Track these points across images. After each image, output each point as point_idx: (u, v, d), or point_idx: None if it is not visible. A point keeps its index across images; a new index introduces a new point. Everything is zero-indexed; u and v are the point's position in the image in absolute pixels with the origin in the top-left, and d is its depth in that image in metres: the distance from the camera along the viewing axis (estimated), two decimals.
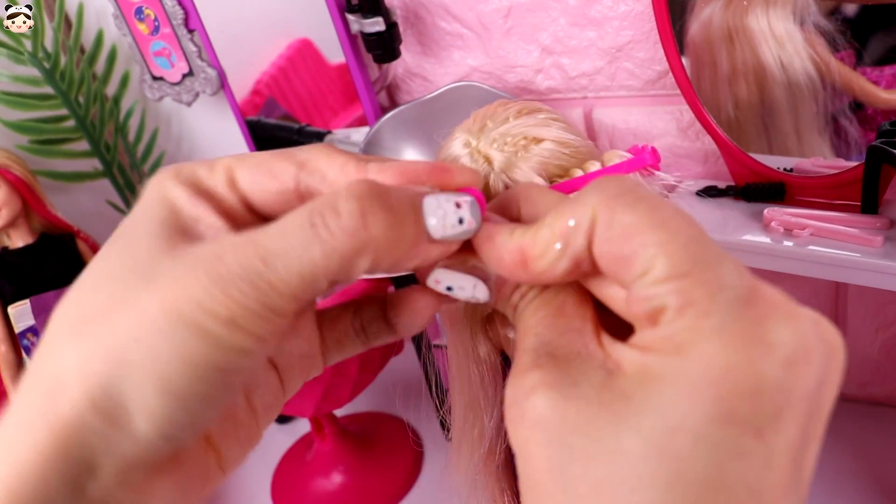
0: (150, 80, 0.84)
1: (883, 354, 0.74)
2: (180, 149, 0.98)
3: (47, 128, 0.90)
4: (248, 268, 0.24)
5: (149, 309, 0.24)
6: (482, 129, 0.39)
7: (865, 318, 0.72)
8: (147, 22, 0.79)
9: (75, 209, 0.93)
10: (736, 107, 0.62)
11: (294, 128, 0.83)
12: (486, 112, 0.40)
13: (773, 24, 0.57)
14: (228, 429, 0.29)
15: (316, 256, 0.24)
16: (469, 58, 0.77)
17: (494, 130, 0.39)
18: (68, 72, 0.89)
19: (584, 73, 0.72)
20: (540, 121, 0.39)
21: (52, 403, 0.24)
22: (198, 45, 0.79)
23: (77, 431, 0.24)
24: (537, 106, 0.40)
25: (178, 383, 0.24)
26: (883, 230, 0.55)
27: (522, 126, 0.38)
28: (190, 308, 0.24)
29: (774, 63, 0.59)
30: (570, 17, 0.70)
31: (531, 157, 0.37)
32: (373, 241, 0.25)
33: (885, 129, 0.55)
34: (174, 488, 0.27)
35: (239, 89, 0.82)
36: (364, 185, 0.25)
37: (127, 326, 0.24)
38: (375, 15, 0.69)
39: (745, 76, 0.61)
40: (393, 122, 0.69)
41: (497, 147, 0.38)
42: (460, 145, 0.40)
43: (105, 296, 0.25)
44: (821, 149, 0.60)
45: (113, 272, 0.26)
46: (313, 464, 0.84)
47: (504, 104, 0.40)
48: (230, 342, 0.24)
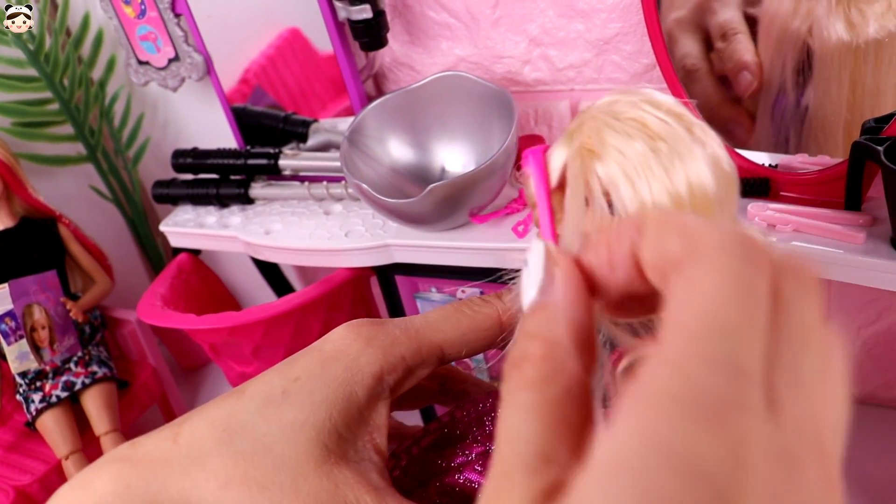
0: (136, 64, 0.83)
1: (865, 352, 0.74)
2: (166, 134, 0.97)
3: (31, 110, 0.90)
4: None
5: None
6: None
7: (848, 316, 0.72)
8: (133, 5, 0.79)
9: (58, 193, 0.92)
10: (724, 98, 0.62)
11: (280, 116, 0.82)
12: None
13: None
14: None
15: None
16: (457, 48, 0.76)
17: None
18: (53, 54, 0.88)
19: (571, 64, 0.72)
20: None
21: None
22: (184, 30, 0.78)
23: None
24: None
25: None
26: (866, 227, 0.55)
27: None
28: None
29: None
30: (558, 9, 0.69)
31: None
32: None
33: (870, 125, 0.55)
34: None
35: (226, 76, 0.81)
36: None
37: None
38: (363, 2, 0.69)
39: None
40: (378, 110, 0.69)
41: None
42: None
43: (256, 467, 0.30)
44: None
45: (271, 448, 0.31)
46: None
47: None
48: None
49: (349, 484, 0.30)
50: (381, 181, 0.68)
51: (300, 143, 0.80)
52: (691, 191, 0.29)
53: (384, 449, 0.33)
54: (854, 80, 0.55)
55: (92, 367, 0.84)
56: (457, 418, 0.40)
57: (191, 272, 0.89)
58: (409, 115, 0.70)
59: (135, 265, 1.06)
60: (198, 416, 0.32)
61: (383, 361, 0.33)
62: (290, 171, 0.78)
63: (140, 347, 0.92)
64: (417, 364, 0.35)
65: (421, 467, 0.39)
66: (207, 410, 0.32)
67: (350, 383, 0.32)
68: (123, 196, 1.00)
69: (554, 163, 0.30)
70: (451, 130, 0.69)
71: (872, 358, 0.74)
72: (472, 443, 0.39)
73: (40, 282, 0.82)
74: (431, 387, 0.42)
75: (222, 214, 0.81)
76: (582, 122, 0.31)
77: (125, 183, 0.99)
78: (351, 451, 0.32)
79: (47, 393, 0.81)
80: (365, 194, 0.63)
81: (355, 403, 0.32)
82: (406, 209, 0.62)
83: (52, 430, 0.81)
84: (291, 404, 0.31)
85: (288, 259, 0.75)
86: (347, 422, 0.32)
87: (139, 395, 0.90)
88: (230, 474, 0.30)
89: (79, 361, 0.84)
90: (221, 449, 0.30)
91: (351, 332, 0.34)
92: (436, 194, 0.60)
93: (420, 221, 0.65)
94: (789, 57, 0.57)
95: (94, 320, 0.88)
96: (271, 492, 0.29)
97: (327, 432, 0.31)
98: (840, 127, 0.57)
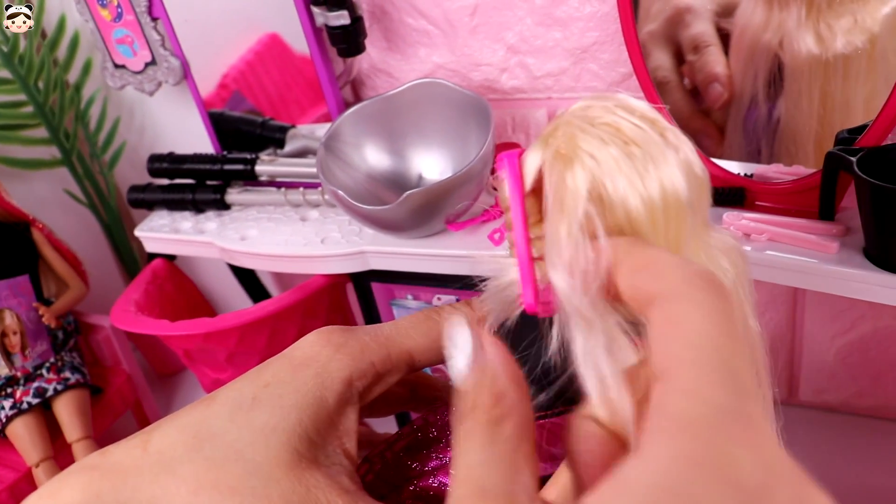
0: (112, 67, 0.83)
1: (838, 361, 0.74)
2: (142, 139, 0.97)
3: (4, 113, 0.89)
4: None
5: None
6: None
7: (822, 325, 0.73)
8: (110, 8, 0.78)
9: (31, 197, 0.91)
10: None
11: (257, 121, 0.82)
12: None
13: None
14: None
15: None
16: (434, 55, 0.76)
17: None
18: (28, 56, 0.87)
19: (548, 73, 0.72)
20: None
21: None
22: (161, 34, 0.78)
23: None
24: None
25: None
26: (839, 237, 0.56)
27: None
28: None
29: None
30: (536, 17, 0.70)
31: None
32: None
33: (843, 136, 0.56)
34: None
35: (204, 81, 0.80)
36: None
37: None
38: (340, 8, 0.69)
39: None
40: (355, 117, 0.69)
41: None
42: None
43: (230, 474, 0.30)
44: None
45: (243, 453, 0.30)
46: None
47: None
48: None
49: (320, 487, 0.30)
50: (358, 188, 0.68)
51: (277, 149, 0.80)
52: (664, 196, 0.29)
53: (354, 454, 0.33)
54: (824, 92, 0.56)
55: (65, 373, 0.83)
56: (430, 422, 0.40)
57: (166, 278, 0.88)
58: (386, 121, 0.69)
59: (109, 270, 1.05)
60: (168, 423, 0.32)
61: (353, 368, 0.33)
62: (267, 177, 0.77)
63: (114, 353, 0.91)
64: (387, 370, 0.35)
65: (395, 471, 0.38)
66: (178, 418, 0.32)
67: (320, 389, 0.32)
68: (98, 200, 0.99)
69: (528, 167, 0.30)
70: (429, 137, 0.69)
71: (846, 367, 0.74)
72: (446, 447, 0.39)
73: (12, 286, 0.81)
74: (403, 393, 0.42)
75: (198, 220, 0.80)
76: (556, 127, 0.31)
77: (100, 187, 0.98)
78: (321, 455, 0.32)
79: (18, 399, 0.80)
80: (341, 201, 0.63)
81: (325, 409, 0.32)
82: (382, 216, 0.62)
83: (22, 437, 0.80)
84: (262, 410, 0.31)
85: (264, 265, 0.75)
86: (318, 426, 0.32)
87: (113, 401, 0.89)
88: (201, 480, 0.29)
89: (51, 367, 0.83)
90: (192, 455, 0.30)
91: (321, 339, 0.34)
92: (412, 201, 0.59)
93: (396, 228, 0.65)
94: (761, 69, 0.58)
95: (67, 326, 0.87)
96: (242, 496, 0.29)
97: (298, 437, 0.31)
98: (811, 139, 0.58)
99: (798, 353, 0.76)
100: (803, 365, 0.76)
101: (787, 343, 0.76)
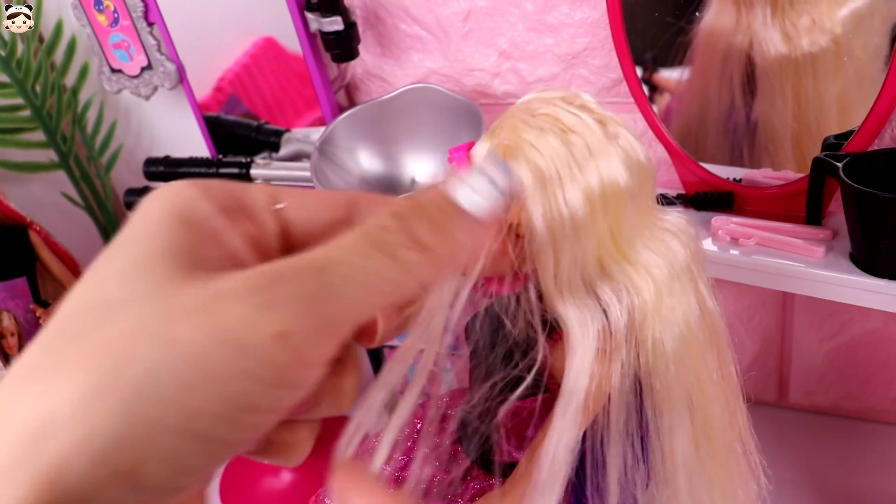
0: (109, 72, 0.83)
1: (827, 364, 0.75)
2: (139, 142, 0.97)
3: (1, 116, 0.89)
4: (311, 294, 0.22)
5: (183, 337, 0.21)
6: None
7: (811, 328, 0.74)
8: (106, 13, 0.79)
9: (29, 200, 0.92)
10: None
11: (253, 125, 0.82)
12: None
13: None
14: None
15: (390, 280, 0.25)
16: (428, 60, 0.77)
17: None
18: (25, 60, 0.88)
19: (540, 78, 0.73)
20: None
21: (37, 449, 0.20)
22: (157, 39, 0.78)
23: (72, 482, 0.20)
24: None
25: (205, 425, 0.21)
26: (826, 241, 0.56)
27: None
28: (239, 330, 0.21)
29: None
30: (528, 23, 0.70)
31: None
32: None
33: (830, 142, 0.56)
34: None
35: (200, 85, 0.81)
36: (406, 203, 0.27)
37: (151, 357, 0.21)
38: (334, 14, 0.69)
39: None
40: (348, 121, 0.69)
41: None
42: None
43: (114, 324, 0.22)
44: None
45: (119, 297, 0.23)
46: (261, 463, 0.84)
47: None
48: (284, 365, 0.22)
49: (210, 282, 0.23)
50: None
51: (272, 153, 0.81)
52: (602, 185, 0.31)
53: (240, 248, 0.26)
54: (797, 91, 0.57)
55: None
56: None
57: None
58: (379, 126, 0.70)
59: None
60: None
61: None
62: (262, 181, 0.78)
63: None
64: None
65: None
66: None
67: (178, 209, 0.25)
68: (96, 203, 0.99)
69: (476, 159, 0.32)
70: (421, 142, 0.70)
71: (835, 369, 0.75)
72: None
73: (10, 289, 0.82)
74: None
75: None
76: (502, 120, 0.33)
77: (97, 190, 0.99)
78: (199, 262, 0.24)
79: None
80: None
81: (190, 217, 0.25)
82: None
83: None
84: (112, 263, 0.26)
85: None
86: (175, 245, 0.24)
87: None
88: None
89: None
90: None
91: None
92: None
93: None
94: (736, 71, 0.59)
95: None
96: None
97: (171, 253, 0.24)
98: (788, 138, 0.59)
99: (787, 356, 0.77)
100: (793, 368, 0.77)
101: (777, 346, 0.76)
